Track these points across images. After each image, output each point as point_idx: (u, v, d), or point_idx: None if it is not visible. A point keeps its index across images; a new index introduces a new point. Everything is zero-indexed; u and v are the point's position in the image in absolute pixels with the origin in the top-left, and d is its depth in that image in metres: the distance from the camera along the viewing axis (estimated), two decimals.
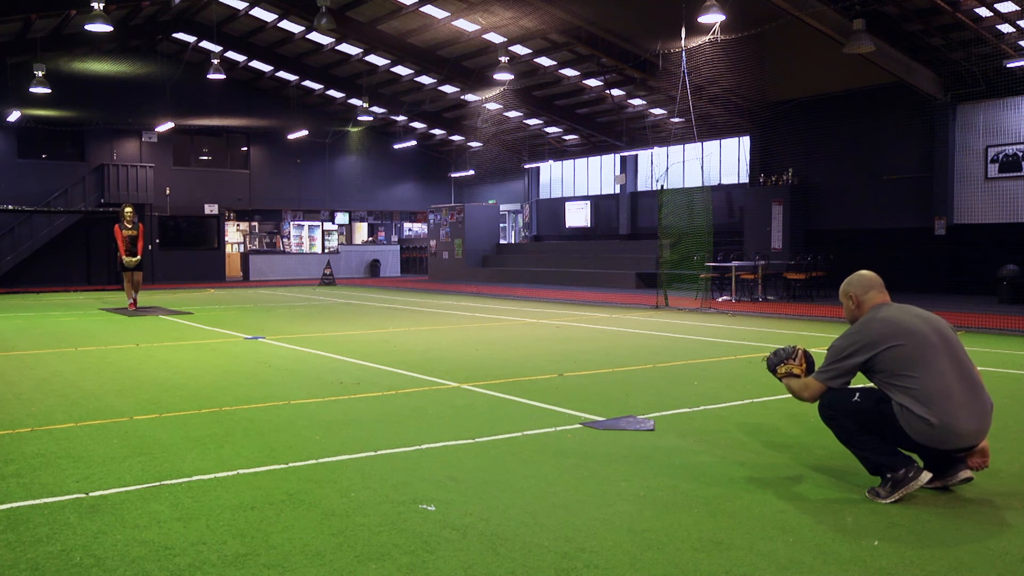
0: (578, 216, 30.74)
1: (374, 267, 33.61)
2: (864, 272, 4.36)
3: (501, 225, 33.51)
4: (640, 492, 4.11)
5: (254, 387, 7.22)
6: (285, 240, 33.52)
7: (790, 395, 4.46)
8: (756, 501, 3.97)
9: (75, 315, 15.24)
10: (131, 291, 16.15)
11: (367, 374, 7.88)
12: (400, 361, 8.68)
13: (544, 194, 33.11)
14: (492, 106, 27.03)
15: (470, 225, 28.67)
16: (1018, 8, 15.39)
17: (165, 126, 28.64)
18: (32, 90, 22.38)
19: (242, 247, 32.71)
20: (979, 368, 4.18)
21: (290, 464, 4.65)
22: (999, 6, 15.57)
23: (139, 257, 16.16)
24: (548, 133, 30.15)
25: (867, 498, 3.99)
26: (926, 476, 3.94)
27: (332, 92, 29.81)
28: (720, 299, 17.02)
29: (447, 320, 13.74)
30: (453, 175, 35.80)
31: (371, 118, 28.88)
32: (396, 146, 33.27)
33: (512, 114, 28.48)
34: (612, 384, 7.29)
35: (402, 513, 3.80)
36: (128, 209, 16.53)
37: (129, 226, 16.19)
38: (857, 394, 4.10)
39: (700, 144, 25.42)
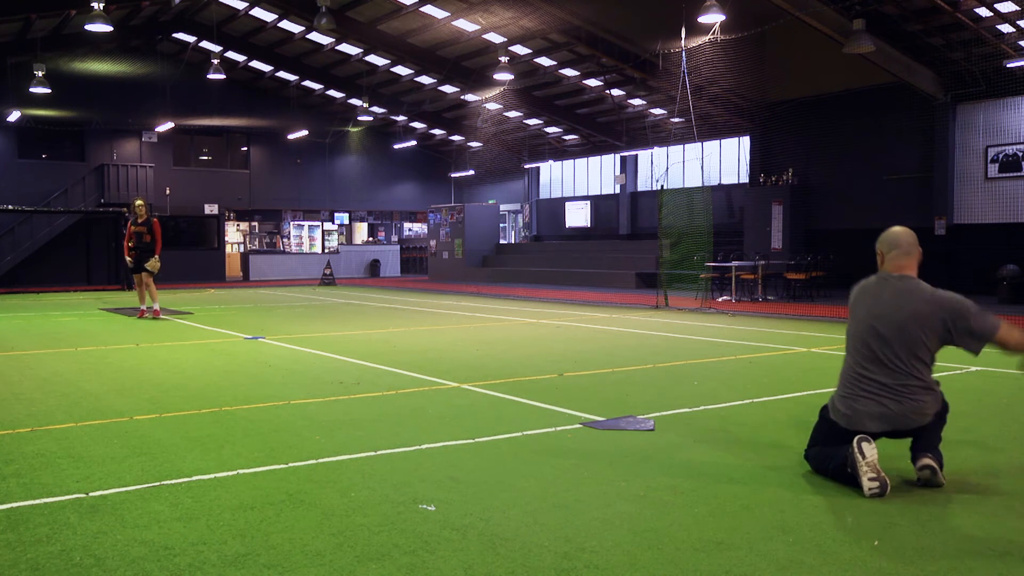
0: (578, 216, 30.73)
1: (374, 267, 33.60)
2: (898, 229, 4.30)
3: (501, 225, 33.51)
4: (640, 492, 4.11)
5: (254, 387, 7.22)
6: (285, 240, 33.52)
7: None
8: (756, 501, 3.97)
9: (75, 315, 15.23)
10: (143, 296, 14.17)
11: (367, 374, 7.88)
12: (400, 361, 8.68)
13: (544, 194, 33.11)
14: (492, 106, 27.02)
15: (470, 225, 28.66)
16: (1018, 8, 15.38)
17: (165, 126, 28.64)
18: (32, 90, 22.40)
19: (242, 247, 32.70)
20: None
21: (290, 464, 4.65)
22: (999, 6, 15.56)
23: (154, 257, 13.95)
24: (548, 133, 30.15)
25: (866, 498, 3.99)
26: (869, 447, 3.98)
27: (332, 92, 29.81)
28: (720, 299, 17.02)
29: (447, 320, 13.73)
30: (453, 175, 35.79)
31: (371, 118, 28.89)
32: (396, 146, 33.26)
33: (512, 114, 28.48)
34: (612, 384, 7.28)
35: (402, 513, 3.80)
36: (139, 201, 14.35)
37: (140, 220, 14.03)
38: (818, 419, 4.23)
39: (700, 144, 25.41)
